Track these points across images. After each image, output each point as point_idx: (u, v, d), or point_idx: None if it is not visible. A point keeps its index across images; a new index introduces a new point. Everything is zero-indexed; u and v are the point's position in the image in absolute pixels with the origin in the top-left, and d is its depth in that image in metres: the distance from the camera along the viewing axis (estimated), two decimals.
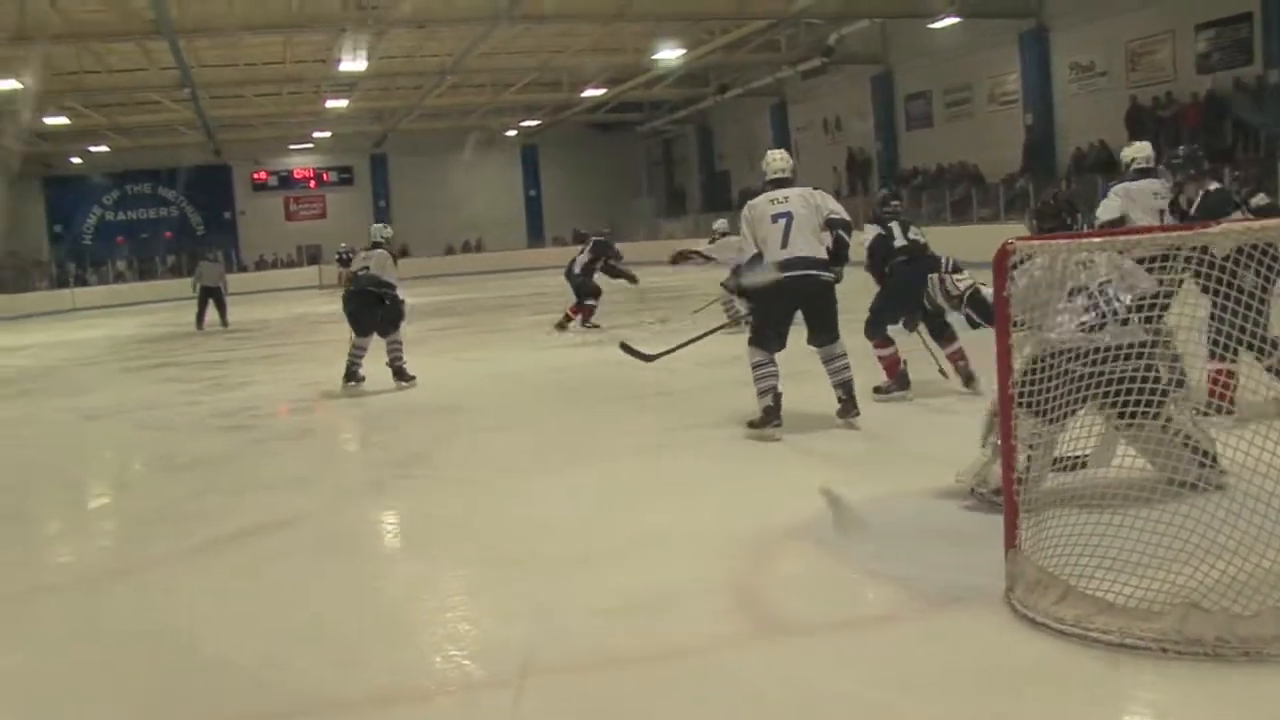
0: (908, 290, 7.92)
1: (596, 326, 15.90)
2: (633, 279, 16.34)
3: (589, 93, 37.58)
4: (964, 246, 9.24)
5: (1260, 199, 11.15)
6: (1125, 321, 5.08)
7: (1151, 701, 3.51)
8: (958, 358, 8.54)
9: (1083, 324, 5.08)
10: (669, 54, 31.78)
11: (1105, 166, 25.44)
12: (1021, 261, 4.24)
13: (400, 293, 11.26)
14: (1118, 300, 5.15)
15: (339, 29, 25.72)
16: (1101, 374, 4.53)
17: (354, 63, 28.00)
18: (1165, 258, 4.89)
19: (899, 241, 8.76)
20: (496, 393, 11.17)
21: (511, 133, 45.89)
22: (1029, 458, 4.49)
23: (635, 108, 44.62)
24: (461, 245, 46.94)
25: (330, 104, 35.39)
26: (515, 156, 49.61)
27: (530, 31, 28.86)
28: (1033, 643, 3.81)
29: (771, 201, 7.74)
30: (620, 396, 10.21)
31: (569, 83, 37.39)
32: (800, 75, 34.84)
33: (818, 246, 7.69)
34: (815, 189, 7.94)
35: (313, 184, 48.11)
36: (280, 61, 30.21)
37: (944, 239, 26.20)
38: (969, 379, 8.43)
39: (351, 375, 11.12)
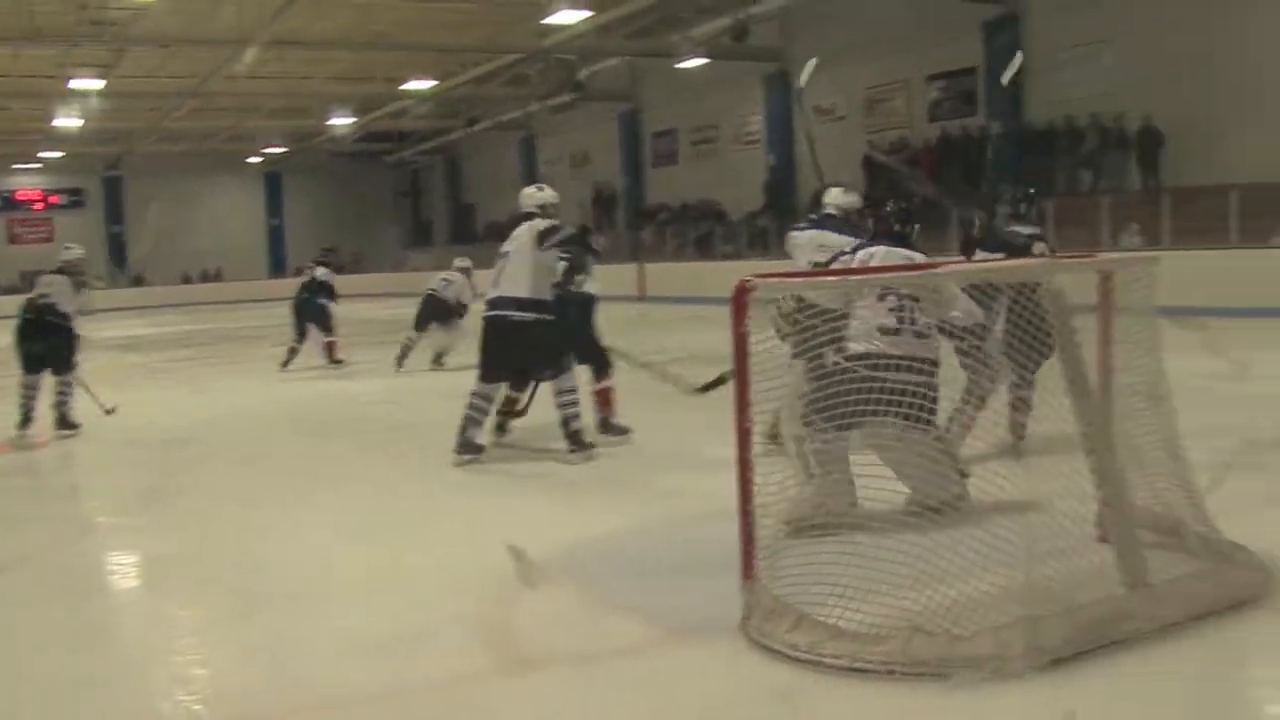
0: None
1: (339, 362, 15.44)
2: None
3: (336, 121, 36.95)
4: (706, 283, 9.45)
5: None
6: (921, 336, 5.31)
7: None
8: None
9: (883, 326, 5.29)
10: (419, 85, 31.57)
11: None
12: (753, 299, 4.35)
13: (79, 326, 10.11)
14: (922, 317, 5.37)
15: (72, 43, 24.61)
16: (890, 383, 4.71)
17: (89, 80, 26.82)
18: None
19: None
20: (232, 426, 10.80)
21: (255, 159, 44.71)
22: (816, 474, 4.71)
23: (384, 138, 44.11)
24: (200, 274, 45.37)
25: (60, 122, 33.76)
26: (259, 184, 48.34)
27: (279, 56, 28.21)
28: (768, 670, 3.92)
29: (507, 239, 7.81)
30: (359, 430, 10.06)
31: (317, 110, 36.68)
32: (549, 110, 35.09)
33: (522, 286, 7.63)
34: (542, 219, 7.78)
35: (39, 206, 45.65)
36: (6, 75, 28.69)
37: (687, 275, 26.72)
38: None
39: (27, 419, 9.84)
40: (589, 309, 8.63)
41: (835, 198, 8.08)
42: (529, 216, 7.80)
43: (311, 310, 15.19)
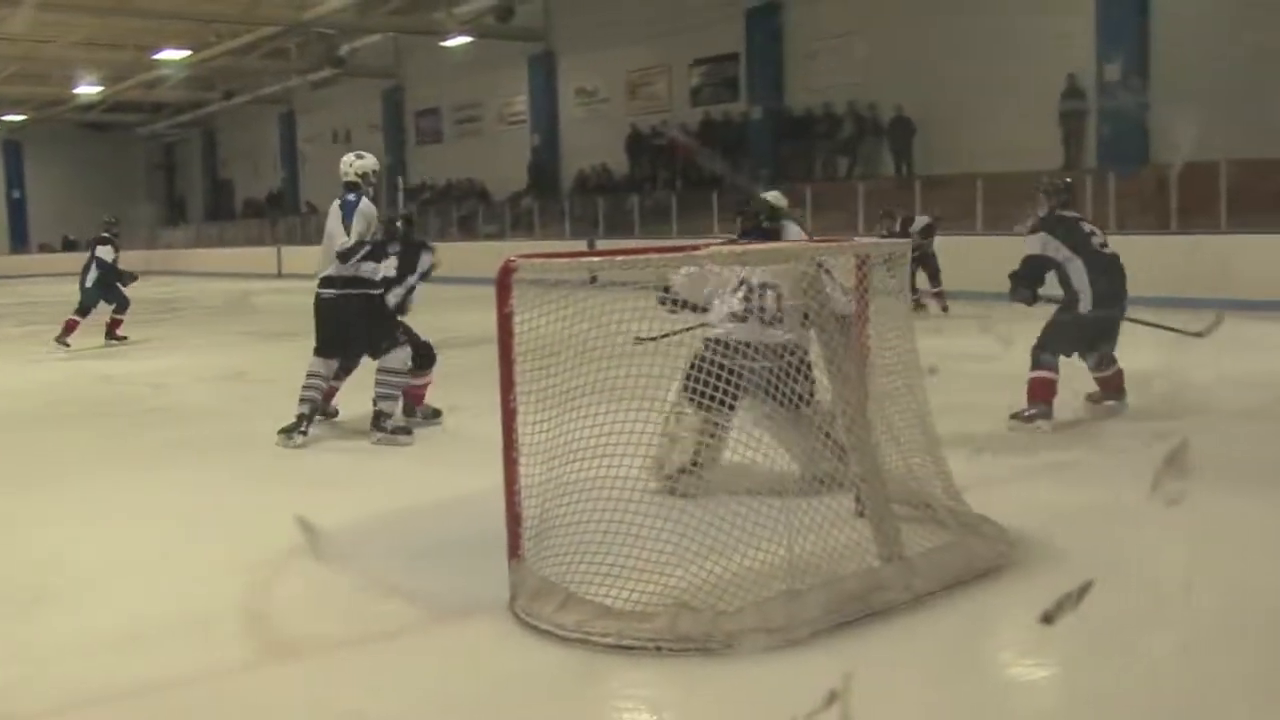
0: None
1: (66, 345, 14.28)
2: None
3: (82, 89, 35.28)
4: (470, 263, 9.35)
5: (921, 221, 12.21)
6: (769, 323, 5.37)
7: (648, 698, 3.68)
8: None
9: (732, 313, 5.35)
10: (172, 54, 30.42)
11: (606, 188, 26.65)
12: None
13: None
14: (775, 304, 5.43)
15: None
16: (741, 366, 4.75)
17: None
18: None
19: None
20: None
21: None
22: (699, 448, 4.88)
23: (136, 108, 42.29)
24: None
25: None
26: None
27: (13, 17, 26.63)
28: (536, 650, 3.91)
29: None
30: (116, 413, 9.65)
31: (60, 77, 34.89)
32: (310, 85, 34.37)
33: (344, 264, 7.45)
34: (360, 198, 7.49)
35: None
36: None
37: (450, 255, 26.36)
38: None
39: None
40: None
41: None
42: (352, 187, 7.49)
43: (92, 294, 14.44)
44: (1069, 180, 7.65)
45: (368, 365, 7.79)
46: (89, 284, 14.37)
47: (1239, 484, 5.61)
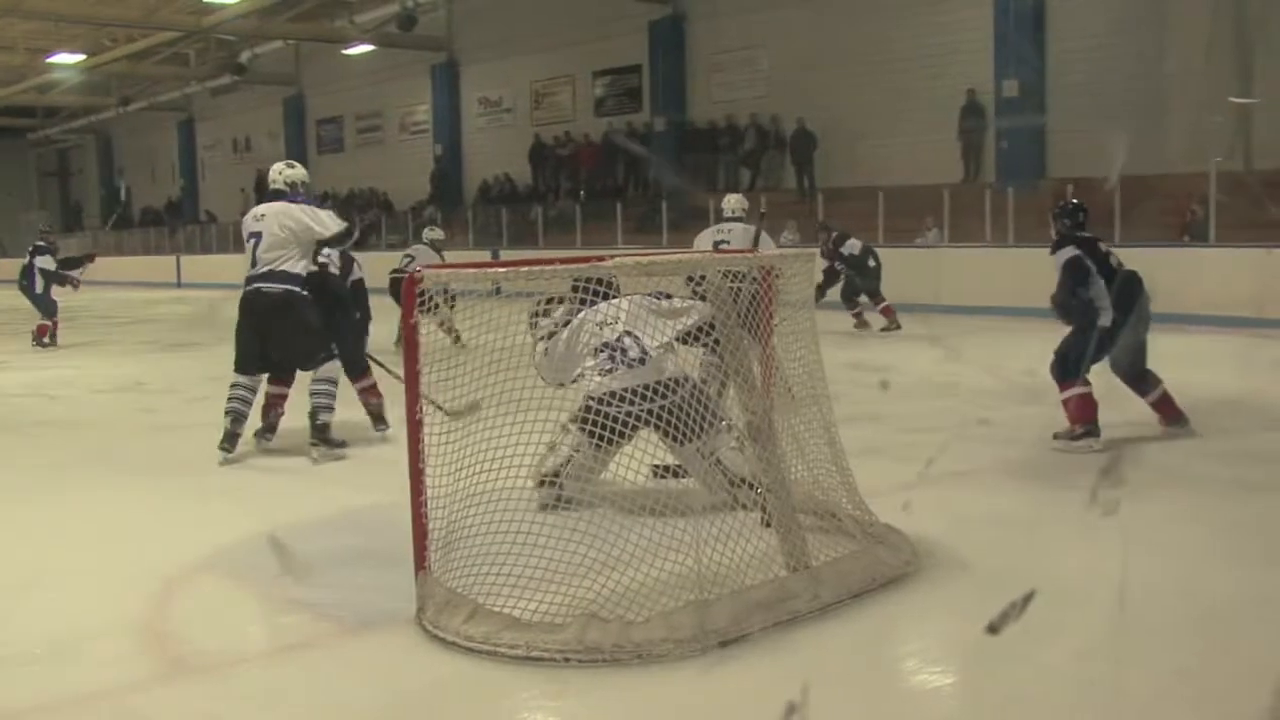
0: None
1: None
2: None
3: None
4: (371, 272, 9.26)
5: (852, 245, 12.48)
6: (636, 364, 5.38)
7: (556, 709, 3.66)
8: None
9: (601, 368, 5.37)
10: (66, 58, 29.80)
11: (509, 198, 26.62)
12: (426, 295, 4.30)
13: None
14: (637, 346, 5.44)
15: None
16: (652, 408, 4.78)
17: None
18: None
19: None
20: None
21: None
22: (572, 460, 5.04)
23: (27, 113, 41.31)
24: None
25: None
26: None
27: None
28: (444, 662, 3.87)
29: (254, 218, 7.15)
30: (7, 427, 9.37)
31: None
32: (210, 92, 33.89)
33: (290, 261, 7.08)
34: (302, 206, 7.20)
35: None
36: None
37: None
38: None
39: None
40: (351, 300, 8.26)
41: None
42: (277, 195, 7.20)
43: (44, 299, 15.35)
44: (1078, 201, 7.67)
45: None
46: (38, 290, 15.19)
47: (1162, 493, 5.75)
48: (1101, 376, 6.97)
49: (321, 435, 7.35)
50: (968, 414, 7.96)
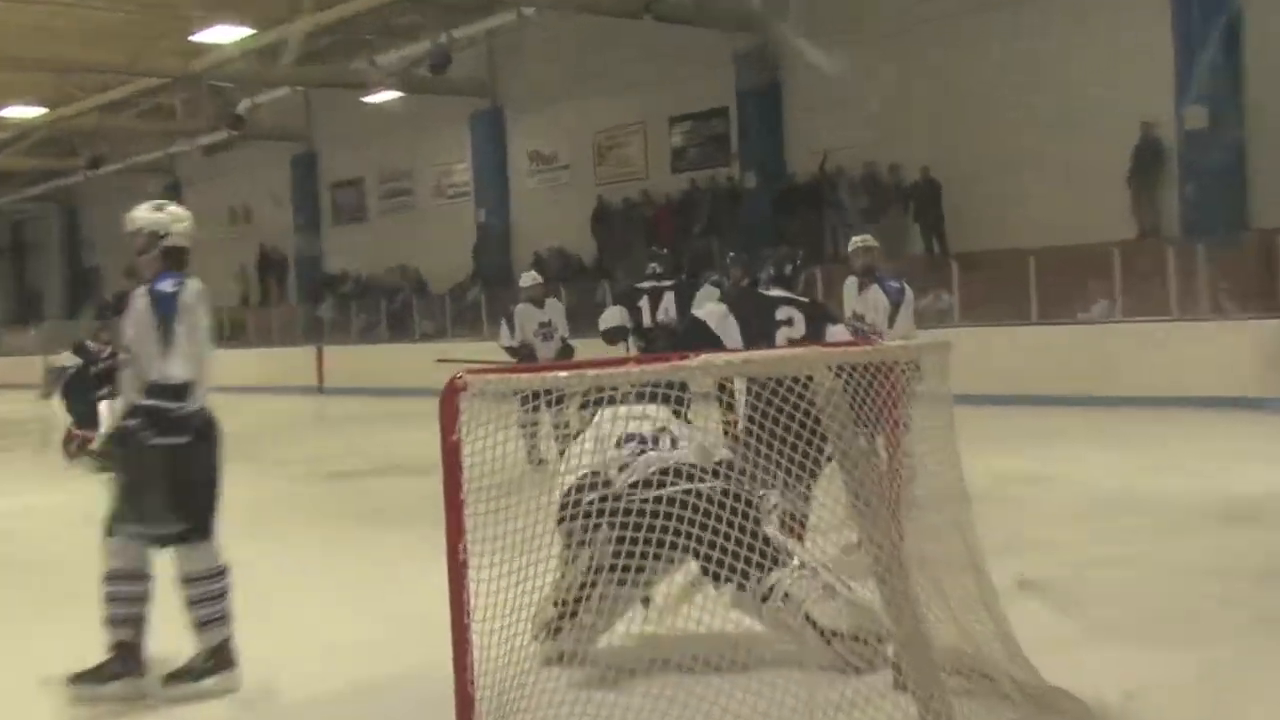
0: None
1: None
2: None
3: None
4: (402, 371, 9.32)
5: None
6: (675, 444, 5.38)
7: None
8: None
9: (624, 461, 5.34)
10: (22, 111, 30.50)
11: (570, 273, 26.47)
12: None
13: None
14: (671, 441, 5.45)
15: None
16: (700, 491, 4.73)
17: None
18: None
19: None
20: None
21: None
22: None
23: None
24: None
25: None
26: None
27: None
28: None
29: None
30: None
31: None
32: (201, 150, 34.46)
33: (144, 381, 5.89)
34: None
35: None
36: None
37: (378, 361, 26.26)
38: None
39: None
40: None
41: None
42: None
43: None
44: None
45: None
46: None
47: None
48: None
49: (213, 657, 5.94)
50: (1157, 540, 7.82)
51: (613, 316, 11.23)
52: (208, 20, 23.76)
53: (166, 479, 5.62)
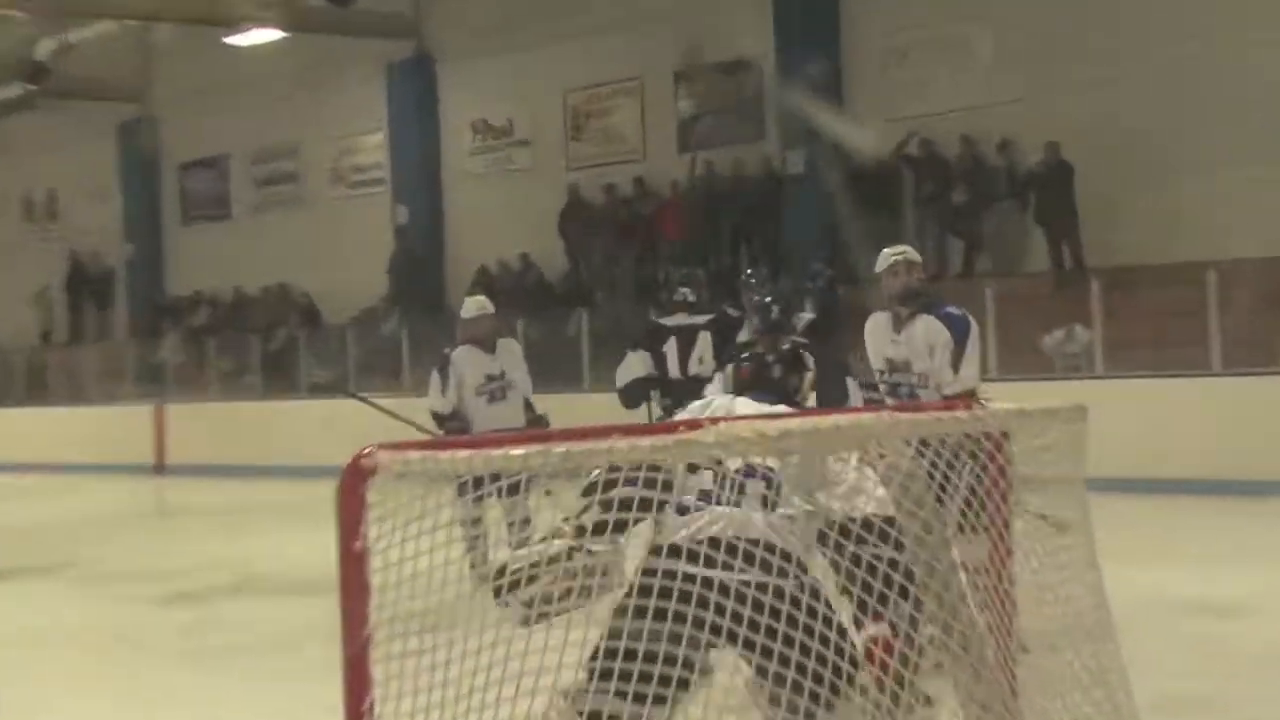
0: None
1: None
2: None
3: None
4: (284, 438, 9.41)
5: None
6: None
7: None
8: None
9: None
10: None
11: (529, 294, 26.35)
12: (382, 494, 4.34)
13: None
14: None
15: None
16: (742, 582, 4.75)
17: None
18: None
19: None
20: None
21: None
22: None
23: None
24: None
25: None
26: None
27: None
28: None
29: None
30: None
31: None
32: None
33: None
34: None
35: None
36: None
37: (245, 424, 26.50)
38: None
39: None
40: None
41: None
42: None
43: None
44: None
45: None
46: None
47: None
48: None
49: None
50: None
51: (634, 366, 11.04)
52: None
53: None
